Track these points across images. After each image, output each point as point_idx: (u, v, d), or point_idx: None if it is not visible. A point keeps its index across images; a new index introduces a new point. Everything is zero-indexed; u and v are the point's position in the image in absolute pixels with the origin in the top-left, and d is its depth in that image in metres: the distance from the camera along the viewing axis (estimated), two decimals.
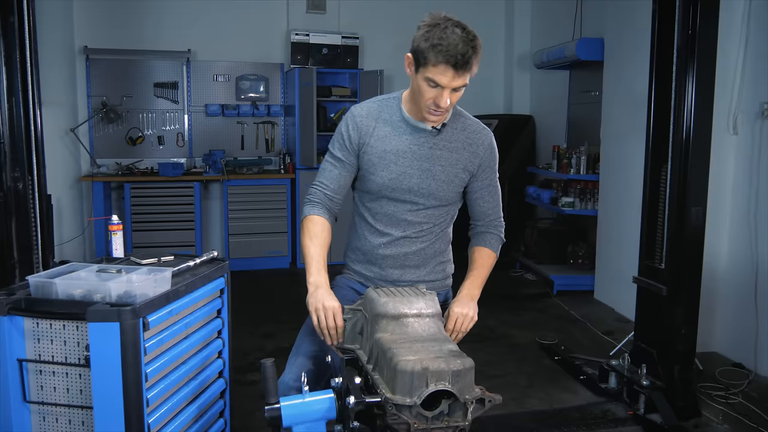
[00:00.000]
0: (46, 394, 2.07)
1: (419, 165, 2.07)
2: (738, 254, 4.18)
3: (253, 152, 7.03)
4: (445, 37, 1.81)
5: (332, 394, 1.67)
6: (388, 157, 2.06)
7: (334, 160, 2.11)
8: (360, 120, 2.09)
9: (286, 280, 6.37)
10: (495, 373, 3.99)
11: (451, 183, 2.11)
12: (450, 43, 1.80)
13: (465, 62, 1.82)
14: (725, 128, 4.16)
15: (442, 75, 1.84)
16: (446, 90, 1.86)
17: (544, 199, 6.23)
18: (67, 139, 6.19)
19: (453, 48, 1.80)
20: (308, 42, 6.74)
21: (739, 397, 3.62)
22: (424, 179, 2.08)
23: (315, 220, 2.08)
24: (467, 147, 2.11)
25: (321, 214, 2.09)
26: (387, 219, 2.14)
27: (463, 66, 1.82)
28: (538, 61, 6.49)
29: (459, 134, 2.10)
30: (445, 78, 1.84)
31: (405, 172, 2.07)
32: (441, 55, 1.81)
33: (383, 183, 2.08)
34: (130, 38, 6.56)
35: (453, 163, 2.09)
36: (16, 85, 3.02)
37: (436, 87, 1.87)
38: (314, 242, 2.03)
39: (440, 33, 1.82)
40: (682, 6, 3.28)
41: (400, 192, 2.09)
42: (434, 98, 1.89)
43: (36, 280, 2.07)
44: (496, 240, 2.23)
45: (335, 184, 2.11)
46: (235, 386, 2.77)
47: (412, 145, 2.06)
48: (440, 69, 1.83)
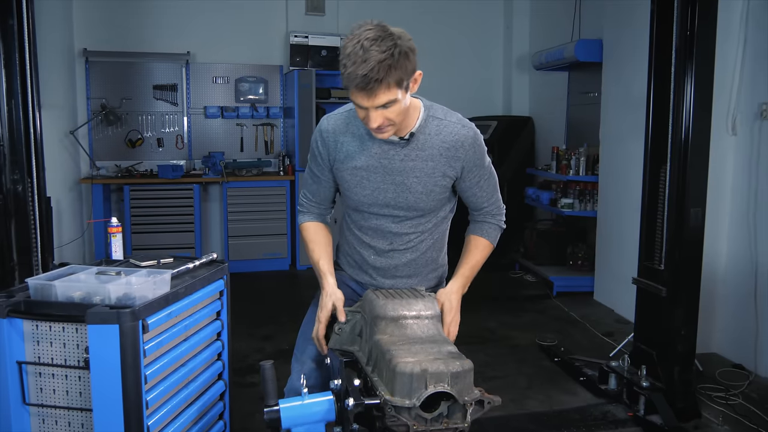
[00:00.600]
0: (45, 396, 2.07)
1: (392, 179, 1.98)
2: (737, 255, 4.18)
3: (252, 154, 7.03)
4: (353, 55, 1.71)
5: (331, 396, 1.67)
6: (359, 174, 2.00)
7: (312, 175, 2.16)
8: (327, 136, 2.03)
9: (285, 282, 6.37)
10: (494, 374, 3.99)
11: (430, 193, 2.01)
12: (357, 62, 1.70)
13: (369, 83, 1.70)
14: (724, 129, 4.16)
15: (357, 97, 1.77)
16: (371, 110, 1.77)
17: (544, 201, 6.23)
18: (66, 142, 6.19)
19: (360, 69, 1.69)
20: (307, 44, 6.74)
21: (739, 398, 3.62)
22: (399, 193, 2.00)
23: (309, 226, 2.17)
24: (444, 152, 1.98)
25: (313, 219, 2.18)
26: (372, 232, 2.09)
27: (370, 88, 1.71)
28: (536, 63, 6.49)
29: (433, 139, 1.97)
30: (360, 99, 1.76)
31: (378, 188, 2.00)
32: (349, 78, 1.73)
33: (359, 200, 2.04)
34: (129, 40, 6.57)
35: (429, 173, 1.98)
36: (16, 88, 3.02)
37: (362, 108, 1.79)
38: (316, 248, 2.11)
39: (346, 56, 1.73)
40: (680, 7, 3.28)
41: (378, 207, 2.04)
42: (364, 119, 1.82)
43: (35, 282, 2.07)
44: (493, 229, 2.17)
45: (318, 197, 2.17)
46: (235, 388, 2.77)
47: (382, 159, 1.97)
48: (354, 93, 1.76)
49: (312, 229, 2.16)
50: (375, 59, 1.68)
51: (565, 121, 6.60)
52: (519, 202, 6.71)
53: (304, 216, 2.19)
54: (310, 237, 2.14)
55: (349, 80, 1.73)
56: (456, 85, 7.13)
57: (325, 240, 2.14)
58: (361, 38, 1.72)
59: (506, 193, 6.86)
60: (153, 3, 6.65)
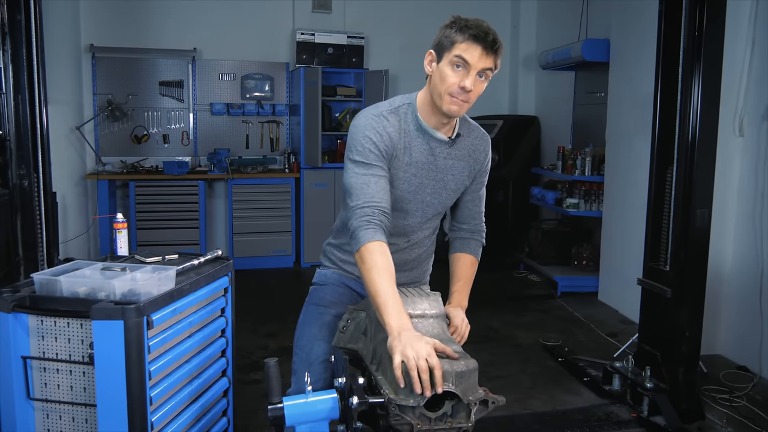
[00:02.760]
0: (49, 391, 2.08)
1: (434, 176, 2.03)
2: (743, 256, 4.16)
3: (257, 151, 7.04)
4: (472, 20, 1.83)
5: (335, 394, 1.67)
6: (410, 170, 2.00)
7: (375, 171, 1.88)
8: (390, 129, 1.95)
9: (290, 279, 6.37)
10: (498, 374, 3.99)
11: (458, 191, 2.11)
12: (479, 25, 1.81)
13: (493, 42, 1.81)
14: (731, 130, 4.15)
15: (470, 52, 1.80)
16: (473, 70, 1.81)
17: (549, 200, 6.22)
18: (72, 137, 6.21)
19: (481, 28, 1.81)
20: (314, 41, 6.74)
21: (743, 400, 3.61)
22: (437, 190, 2.05)
23: (377, 248, 1.78)
24: (471, 154, 2.08)
25: (381, 239, 1.80)
26: (396, 230, 2.07)
27: (491, 45, 1.80)
28: (543, 62, 6.48)
29: (464, 141, 2.07)
30: (473, 54, 1.80)
31: (422, 183, 2.03)
32: (470, 31, 1.80)
33: (401, 195, 2.02)
34: (136, 37, 6.57)
35: (460, 172, 2.07)
36: (23, 83, 3.03)
37: (463, 67, 1.82)
38: (384, 278, 1.73)
39: (466, 20, 1.84)
40: (688, 7, 3.27)
41: (415, 203, 2.05)
42: (459, 81, 1.83)
43: (41, 277, 2.07)
44: (479, 246, 2.22)
45: (387, 197, 1.88)
46: (239, 385, 2.78)
47: (429, 156, 2.01)
48: (468, 45, 1.80)
49: (384, 253, 1.78)
50: (490, 27, 1.83)
51: (571, 121, 6.58)
52: (524, 201, 6.71)
53: (374, 233, 1.79)
54: (383, 264, 1.76)
55: (471, 32, 1.80)
56: None
57: (393, 274, 1.78)
58: (472, 17, 1.85)
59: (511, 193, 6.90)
60: (160, 0, 6.65)
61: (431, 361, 1.51)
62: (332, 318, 2.11)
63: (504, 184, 6.64)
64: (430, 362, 1.50)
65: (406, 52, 7.06)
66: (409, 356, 1.51)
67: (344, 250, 2.20)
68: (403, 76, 7.09)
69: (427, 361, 1.50)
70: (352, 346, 1.90)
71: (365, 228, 1.80)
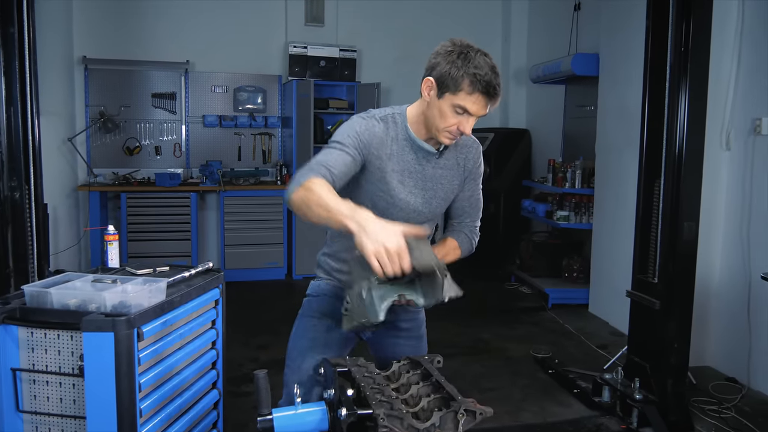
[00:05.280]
0: (39, 403, 2.07)
1: (423, 185, 2.06)
2: (731, 268, 4.20)
3: (250, 163, 7.06)
4: (480, 66, 1.82)
5: (324, 406, 1.68)
6: (396, 176, 2.01)
7: (341, 148, 1.89)
8: (375, 129, 1.98)
9: (282, 291, 6.37)
10: (489, 386, 4.00)
11: (447, 200, 2.13)
12: (486, 74, 1.82)
13: (497, 92, 1.85)
14: (718, 144, 4.20)
15: (475, 104, 1.84)
16: (473, 117, 1.88)
17: (540, 213, 6.25)
18: (64, 149, 6.21)
19: (488, 78, 1.82)
20: (306, 54, 6.78)
21: (732, 411, 3.63)
22: (427, 200, 2.07)
23: (320, 182, 1.74)
24: (460, 163, 2.11)
25: (325, 179, 1.78)
26: None
27: (495, 95, 1.85)
28: (534, 76, 6.54)
29: (452, 150, 2.09)
30: (477, 107, 1.85)
31: (411, 192, 2.05)
32: (479, 84, 1.81)
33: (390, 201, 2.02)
34: (128, 48, 6.60)
35: (450, 180, 2.10)
36: (15, 95, 3.04)
37: (463, 114, 1.87)
38: (331, 194, 1.70)
39: (474, 62, 1.82)
40: (674, 23, 3.32)
41: (406, 212, 2.05)
42: (458, 124, 1.88)
43: (31, 289, 2.07)
44: (466, 241, 2.20)
45: (340, 169, 1.85)
46: (229, 398, 2.78)
47: (417, 165, 2.04)
48: (475, 98, 1.83)
49: (326, 185, 1.74)
50: (494, 70, 1.84)
51: (561, 134, 6.63)
52: (515, 213, 6.74)
53: (310, 175, 1.77)
54: (327, 190, 1.71)
55: (483, 84, 1.81)
56: None
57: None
58: (479, 50, 1.86)
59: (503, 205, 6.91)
60: (153, 12, 6.69)
61: (404, 263, 1.57)
62: (324, 330, 2.11)
63: (495, 197, 6.67)
64: (404, 264, 1.57)
65: (398, 65, 7.10)
66: (380, 251, 1.55)
67: (338, 258, 2.20)
68: (395, 88, 7.13)
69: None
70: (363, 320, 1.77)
71: (301, 176, 1.78)
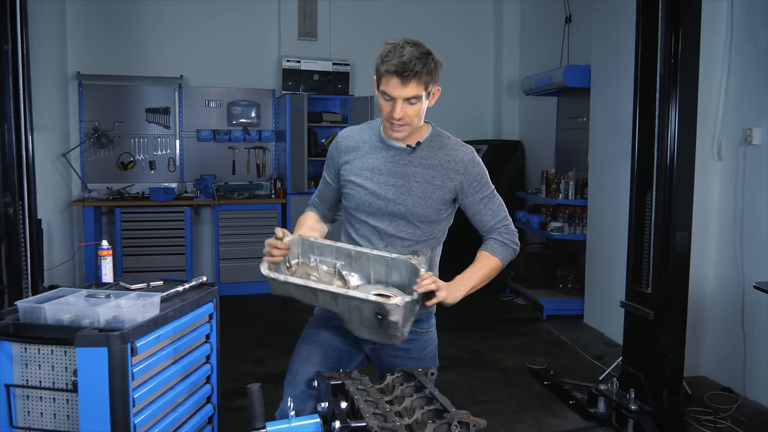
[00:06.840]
0: (33, 419, 2.07)
1: (394, 181, 2.12)
2: (724, 278, 4.22)
3: (244, 177, 7.06)
4: (393, 51, 1.95)
5: (318, 419, 1.68)
6: (364, 174, 2.14)
7: (323, 180, 2.31)
8: (341, 141, 2.22)
9: (276, 306, 6.34)
10: (485, 398, 3.99)
11: (428, 199, 2.11)
12: (397, 55, 1.93)
13: (409, 70, 1.92)
14: (710, 154, 4.23)
15: (389, 85, 1.96)
16: (398, 101, 1.97)
17: (534, 224, 6.27)
18: (58, 164, 6.20)
19: (398, 59, 1.92)
20: (299, 68, 6.81)
21: (727, 421, 3.63)
22: (399, 195, 2.11)
23: (306, 214, 2.35)
24: (444, 164, 2.13)
25: (313, 211, 2.35)
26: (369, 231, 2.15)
27: (407, 75, 1.92)
28: (526, 88, 6.58)
29: (436, 152, 2.14)
30: (392, 87, 1.96)
31: (380, 187, 2.12)
32: (388, 65, 1.94)
33: (361, 198, 2.13)
34: (122, 64, 6.61)
35: (429, 180, 2.12)
36: (9, 111, 3.05)
37: (390, 100, 1.98)
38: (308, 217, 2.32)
39: (391, 49, 1.96)
40: (664, 34, 3.35)
41: (378, 207, 2.12)
42: (390, 111, 2.00)
43: (25, 305, 2.07)
44: (498, 244, 2.22)
45: (322, 198, 2.33)
46: (224, 412, 2.76)
47: (387, 163, 2.13)
48: (387, 79, 1.96)
49: (306, 214, 2.34)
50: (413, 54, 1.93)
51: (554, 146, 6.67)
52: None
53: (307, 210, 2.36)
54: (301, 220, 2.31)
55: (388, 66, 1.94)
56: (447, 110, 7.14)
57: (312, 221, 2.30)
58: (402, 42, 1.98)
59: None
60: (147, 27, 6.71)
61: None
62: (321, 340, 2.15)
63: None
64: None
65: None
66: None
67: None
68: None
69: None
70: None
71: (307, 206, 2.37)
